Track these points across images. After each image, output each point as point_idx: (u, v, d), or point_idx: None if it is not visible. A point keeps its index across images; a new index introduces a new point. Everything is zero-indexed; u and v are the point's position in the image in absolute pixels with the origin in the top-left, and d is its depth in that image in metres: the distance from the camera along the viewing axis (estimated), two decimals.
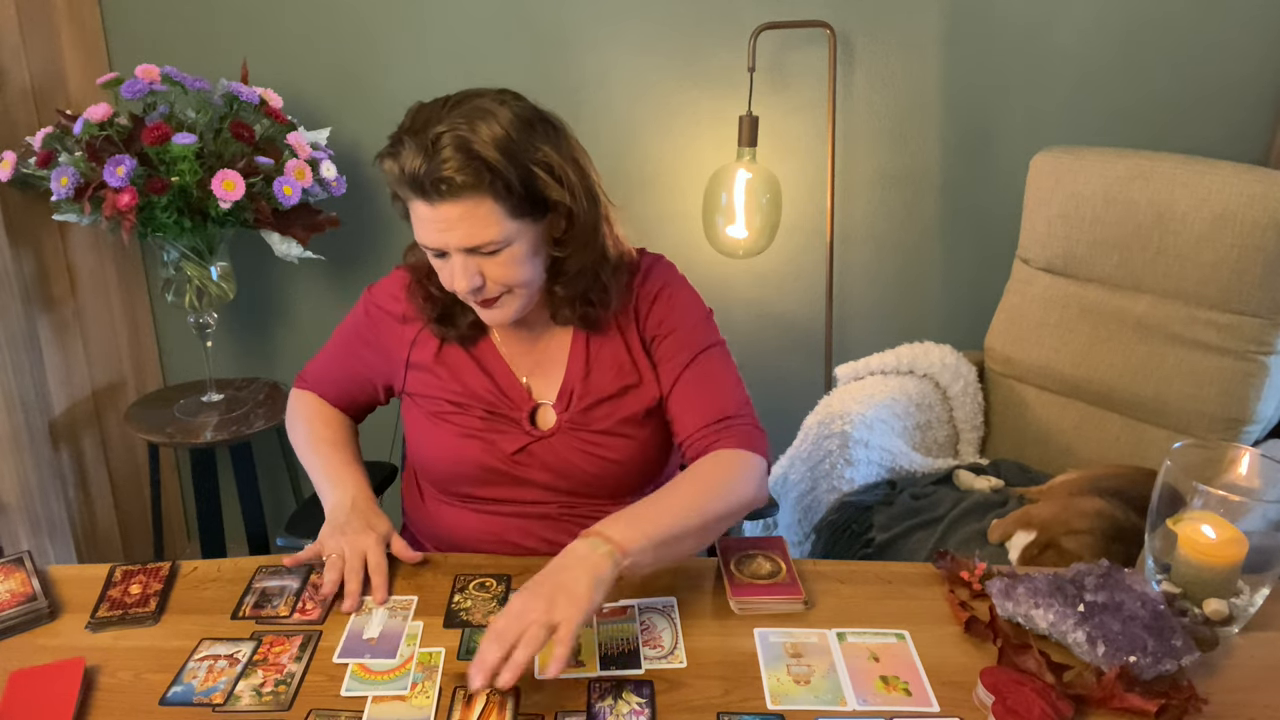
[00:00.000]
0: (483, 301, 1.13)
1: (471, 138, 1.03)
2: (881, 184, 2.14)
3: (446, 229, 1.06)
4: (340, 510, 1.18)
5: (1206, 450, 1.12)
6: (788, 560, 1.14)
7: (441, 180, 1.02)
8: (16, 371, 1.87)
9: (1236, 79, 2.00)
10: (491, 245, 1.07)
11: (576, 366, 1.23)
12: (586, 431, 1.21)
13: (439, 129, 1.04)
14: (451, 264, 1.10)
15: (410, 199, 1.07)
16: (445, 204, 1.04)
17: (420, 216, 1.08)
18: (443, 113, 1.06)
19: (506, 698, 0.94)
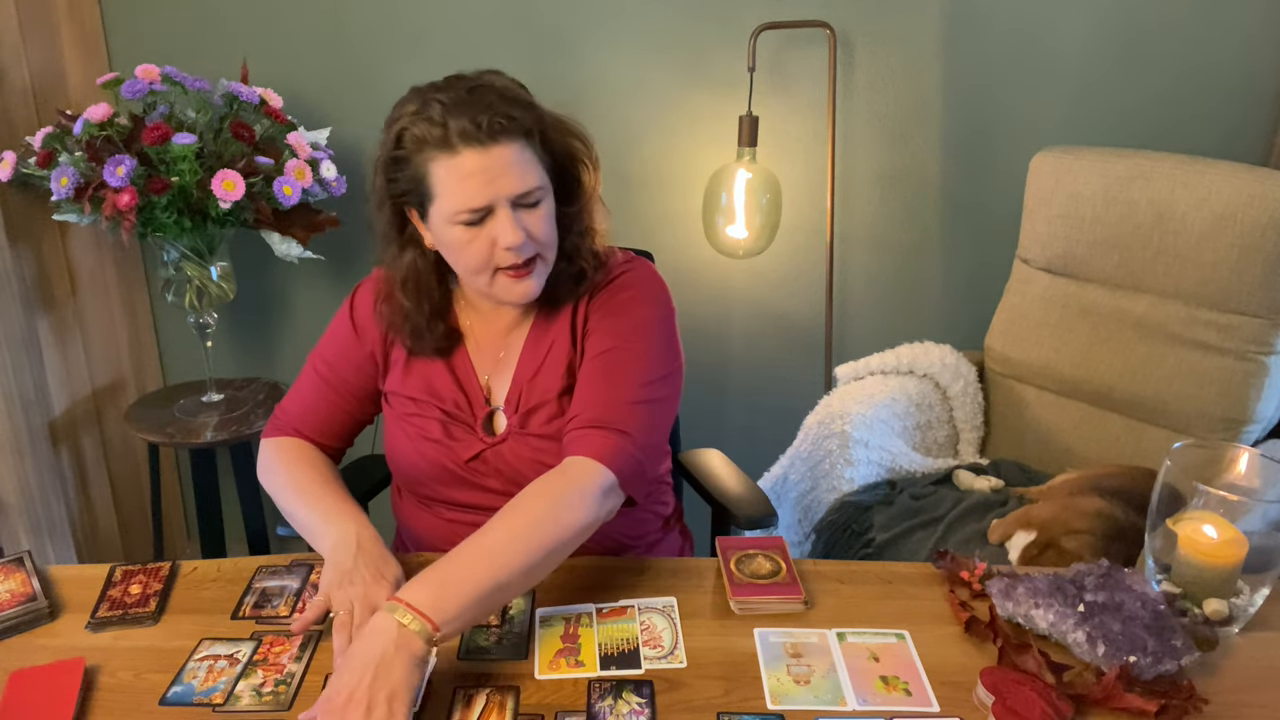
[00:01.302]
0: (517, 271, 1.11)
1: (507, 85, 1.08)
2: (881, 184, 2.14)
3: (498, 175, 1.05)
4: (344, 552, 1.05)
5: (1206, 450, 1.12)
6: (788, 560, 1.14)
7: (498, 117, 1.04)
8: (16, 371, 1.87)
9: (1236, 79, 2.00)
10: (535, 194, 1.09)
11: (525, 367, 1.21)
12: (532, 437, 1.19)
13: (471, 84, 1.06)
14: (497, 222, 1.07)
15: (454, 152, 1.04)
16: (498, 146, 1.04)
17: (466, 171, 1.05)
18: (454, 80, 1.08)
19: (506, 697, 0.94)
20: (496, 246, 1.08)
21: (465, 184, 1.05)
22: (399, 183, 1.10)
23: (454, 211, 1.07)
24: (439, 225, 1.10)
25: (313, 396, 1.28)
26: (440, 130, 1.04)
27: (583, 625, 1.05)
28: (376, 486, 1.48)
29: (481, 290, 1.16)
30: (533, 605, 1.09)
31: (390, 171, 1.10)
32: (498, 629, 1.04)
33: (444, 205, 1.07)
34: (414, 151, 1.07)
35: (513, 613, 1.07)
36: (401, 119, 1.08)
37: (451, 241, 1.10)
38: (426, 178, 1.07)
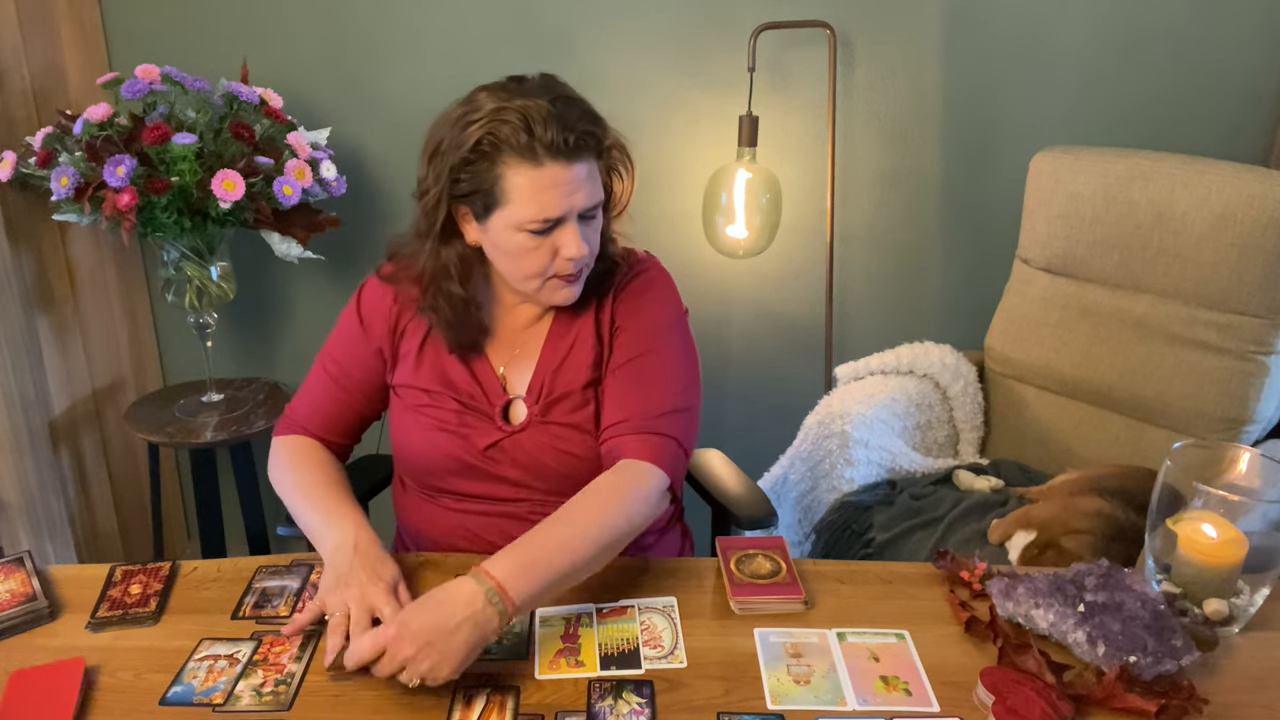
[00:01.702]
0: (568, 277, 1.13)
1: (583, 100, 1.10)
2: (881, 184, 2.14)
3: (575, 190, 1.07)
4: (341, 555, 1.06)
5: (1206, 450, 1.12)
6: (788, 560, 1.14)
7: (584, 135, 1.06)
8: (16, 371, 1.87)
9: (1236, 79, 2.00)
10: (598, 207, 1.12)
11: (549, 359, 1.22)
12: (555, 426, 1.21)
13: (553, 94, 1.07)
14: (563, 234, 1.09)
15: (538, 164, 1.05)
16: (579, 163, 1.07)
17: (547, 183, 1.06)
18: (528, 87, 1.09)
19: (506, 697, 0.94)
20: (559, 256, 1.11)
21: (544, 196, 1.06)
22: (464, 183, 1.09)
23: (526, 220, 1.07)
24: (501, 230, 1.10)
25: (321, 394, 1.29)
26: (526, 138, 1.04)
27: (583, 625, 1.05)
28: (377, 486, 1.48)
29: (528, 291, 1.17)
30: None
31: (458, 171, 1.08)
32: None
33: (515, 213, 1.08)
34: (492, 153, 1.06)
35: None
36: (480, 120, 1.06)
37: (513, 248, 1.11)
38: (500, 182, 1.07)
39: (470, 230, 1.15)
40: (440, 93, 2.20)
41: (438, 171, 1.10)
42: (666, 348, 1.21)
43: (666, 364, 1.20)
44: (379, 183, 2.17)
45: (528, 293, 1.18)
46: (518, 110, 1.04)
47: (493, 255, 1.16)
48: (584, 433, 1.21)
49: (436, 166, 1.10)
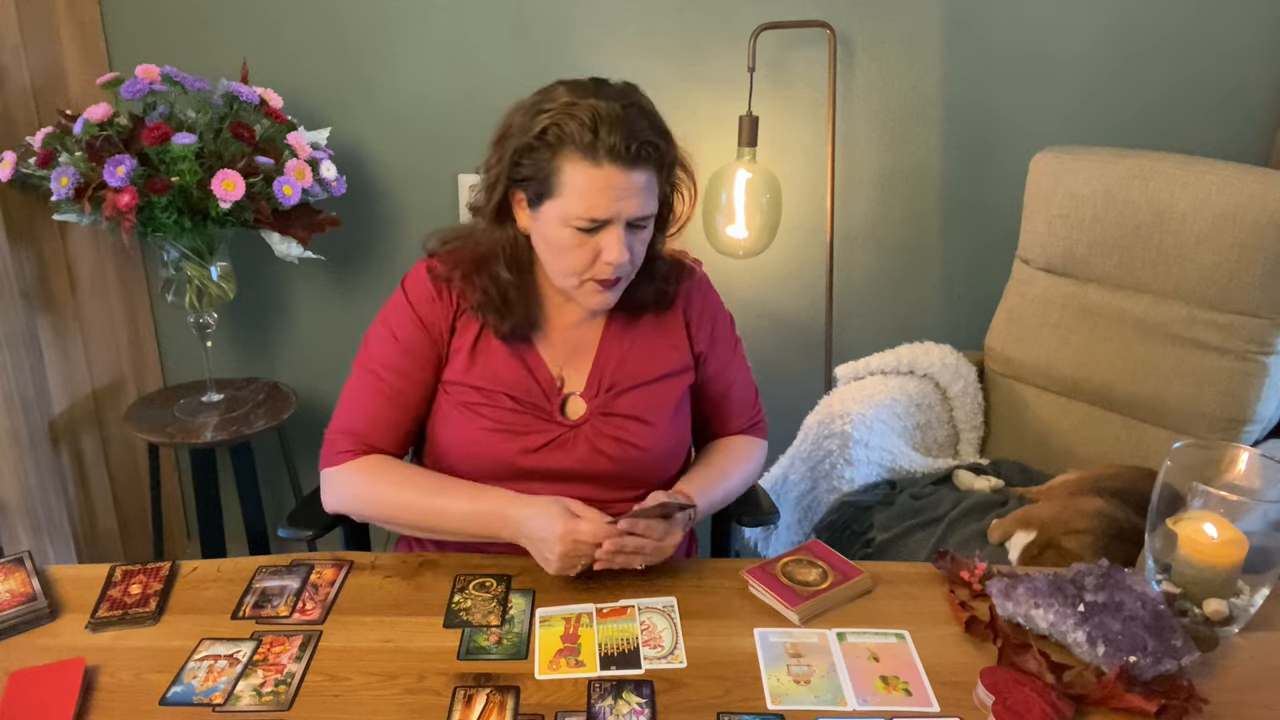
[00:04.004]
0: (607, 281, 1.14)
1: (655, 111, 1.11)
2: (881, 184, 2.14)
3: (627, 196, 1.08)
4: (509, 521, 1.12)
5: (1206, 450, 1.12)
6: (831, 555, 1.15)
7: (646, 145, 1.07)
8: (16, 371, 1.87)
9: (1236, 79, 2.00)
10: (648, 219, 1.13)
11: (608, 354, 1.24)
12: (616, 417, 1.22)
13: (627, 100, 1.08)
14: (608, 237, 1.10)
15: (597, 163, 1.06)
16: (637, 171, 1.07)
17: (601, 184, 1.07)
18: (605, 89, 1.09)
19: (506, 697, 0.94)
20: (599, 259, 1.12)
21: (595, 195, 1.07)
22: (524, 167, 1.11)
23: (574, 216, 1.09)
24: (550, 221, 1.11)
25: (379, 406, 1.23)
26: (590, 137, 1.05)
27: (583, 625, 1.05)
28: None
29: (565, 289, 1.18)
30: (533, 605, 1.09)
31: (520, 155, 1.10)
32: (498, 629, 1.05)
33: (565, 206, 1.09)
34: (555, 145, 1.07)
35: (513, 613, 1.08)
36: (551, 111, 1.08)
37: (557, 242, 1.12)
38: (557, 174, 1.08)
39: (522, 216, 1.16)
40: (440, 92, 2.21)
41: (502, 153, 1.13)
42: (740, 346, 1.38)
43: (744, 359, 1.38)
44: (379, 183, 2.17)
45: (566, 290, 1.19)
46: (589, 108, 1.06)
47: (539, 246, 1.17)
48: (647, 425, 1.23)
49: (502, 148, 1.13)
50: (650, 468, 1.25)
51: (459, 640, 1.03)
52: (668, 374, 1.26)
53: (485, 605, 1.08)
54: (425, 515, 1.17)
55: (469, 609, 1.08)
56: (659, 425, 1.24)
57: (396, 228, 2.20)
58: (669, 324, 1.28)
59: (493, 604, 1.09)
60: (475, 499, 1.15)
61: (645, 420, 1.23)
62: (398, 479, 1.20)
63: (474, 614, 1.07)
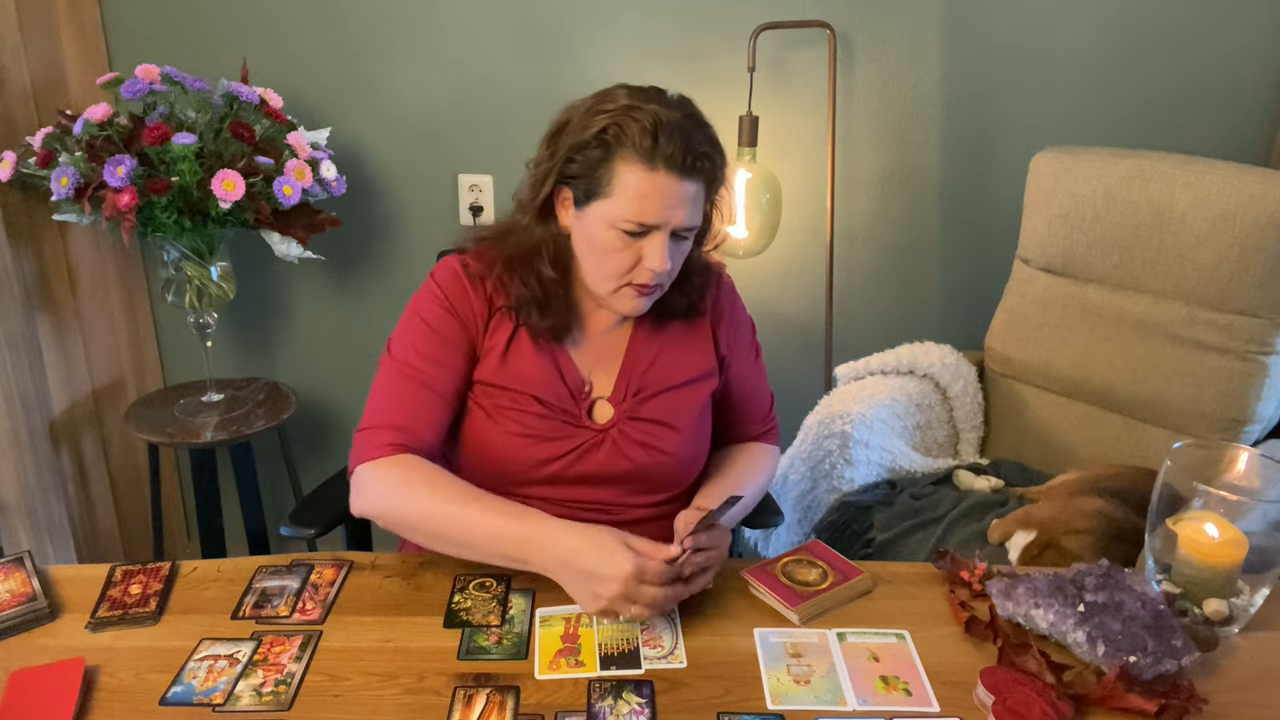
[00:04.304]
0: (642, 289, 1.14)
1: (710, 127, 1.11)
2: (881, 184, 2.14)
3: (677, 205, 1.08)
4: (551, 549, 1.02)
5: (1206, 450, 1.12)
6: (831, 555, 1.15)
7: (702, 157, 1.07)
8: (16, 371, 1.87)
9: (1236, 79, 2.00)
10: (692, 230, 1.12)
11: (636, 358, 1.23)
12: (643, 422, 1.22)
13: (687, 110, 1.09)
14: (651, 244, 1.10)
15: (652, 168, 1.06)
16: (689, 181, 1.08)
17: (653, 189, 1.06)
18: (665, 98, 1.10)
19: (506, 697, 0.94)
20: (641, 264, 1.11)
21: (646, 200, 1.07)
22: (577, 164, 1.10)
23: (621, 218, 1.08)
24: (595, 222, 1.11)
25: (417, 395, 1.16)
26: (650, 142, 1.05)
27: (583, 625, 1.05)
28: None
29: (601, 293, 1.17)
30: (533, 605, 1.09)
31: (575, 151, 1.10)
32: (498, 629, 1.05)
33: (614, 208, 1.08)
34: (612, 145, 1.07)
35: (513, 613, 1.08)
36: (611, 111, 1.08)
37: (601, 243, 1.11)
38: (610, 174, 1.08)
39: (565, 214, 1.16)
40: (440, 92, 2.21)
41: (554, 148, 1.13)
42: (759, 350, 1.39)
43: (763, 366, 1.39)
44: (379, 183, 2.17)
45: (600, 295, 1.17)
46: (650, 114, 1.06)
47: (579, 247, 1.16)
48: (673, 429, 1.23)
49: (554, 144, 1.13)
50: (672, 473, 1.24)
51: (459, 640, 1.03)
52: (695, 379, 1.26)
53: (485, 605, 1.08)
54: (448, 524, 1.08)
55: (469, 609, 1.08)
56: (685, 430, 1.24)
57: (396, 228, 2.20)
58: (696, 328, 1.28)
59: (493, 604, 1.09)
60: (510, 516, 1.06)
61: (671, 425, 1.23)
62: (427, 480, 1.10)
63: (474, 614, 1.07)
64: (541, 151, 1.16)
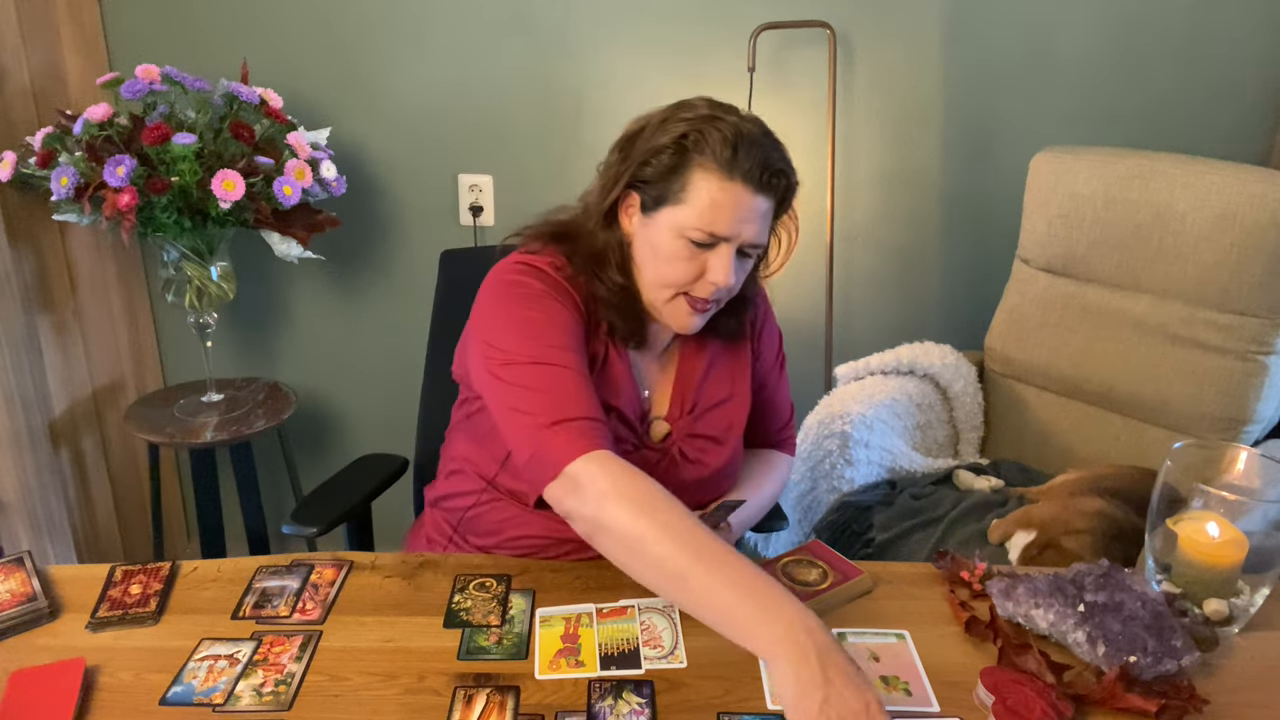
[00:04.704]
0: (698, 304, 1.11)
1: (786, 149, 1.10)
2: (881, 184, 2.14)
3: (749, 219, 1.07)
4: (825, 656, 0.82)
5: (1206, 450, 1.12)
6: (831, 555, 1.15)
7: (778, 174, 1.07)
8: (16, 371, 1.87)
9: (1236, 79, 2.00)
10: (757, 249, 1.11)
11: (688, 374, 1.22)
12: (696, 438, 1.21)
13: (764, 129, 1.09)
14: (717, 257, 1.08)
15: (730, 179, 1.04)
16: (763, 197, 1.07)
17: (728, 200, 1.05)
18: (742, 113, 1.10)
19: (506, 697, 0.94)
20: (703, 277, 1.09)
21: (721, 211, 1.05)
22: (650, 169, 1.08)
23: (692, 226, 1.06)
24: (662, 229, 1.08)
25: (591, 394, 1.06)
26: (730, 153, 1.04)
27: (583, 625, 1.05)
28: (380, 487, 1.48)
29: (656, 302, 1.14)
30: (533, 605, 1.09)
31: (651, 155, 1.08)
32: (498, 629, 1.05)
33: (686, 215, 1.06)
34: (691, 152, 1.06)
35: (513, 613, 1.08)
36: (693, 120, 1.07)
37: (667, 251, 1.08)
38: (685, 182, 1.06)
39: (628, 221, 1.13)
40: (440, 92, 2.21)
41: (628, 152, 1.11)
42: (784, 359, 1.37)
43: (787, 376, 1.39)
44: (379, 183, 2.17)
45: (655, 304, 1.14)
46: (732, 125, 1.06)
47: (640, 254, 1.13)
48: (720, 444, 1.23)
49: (628, 149, 1.11)
50: (713, 487, 1.24)
51: (459, 640, 1.03)
52: (738, 393, 1.25)
53: (485, 605, 1.08)
54: (674, 578, 0.92)
55: (469, 609, 1.08)
56: (730, 444, 1.23)
57: (396, 228, 2.20)
58: (742, 344, 1.27)
59: (493, 604, 1.09)
60: (766, 594, 0.88)
61: (719, 440, 1.22)
62: (666, 509, 0.94)
63: (474, 614, 1.07)
64: (612, 156, 1.14)
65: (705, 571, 0.90)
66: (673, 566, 0.91)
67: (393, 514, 1.67)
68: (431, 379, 1.54)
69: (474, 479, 1.23)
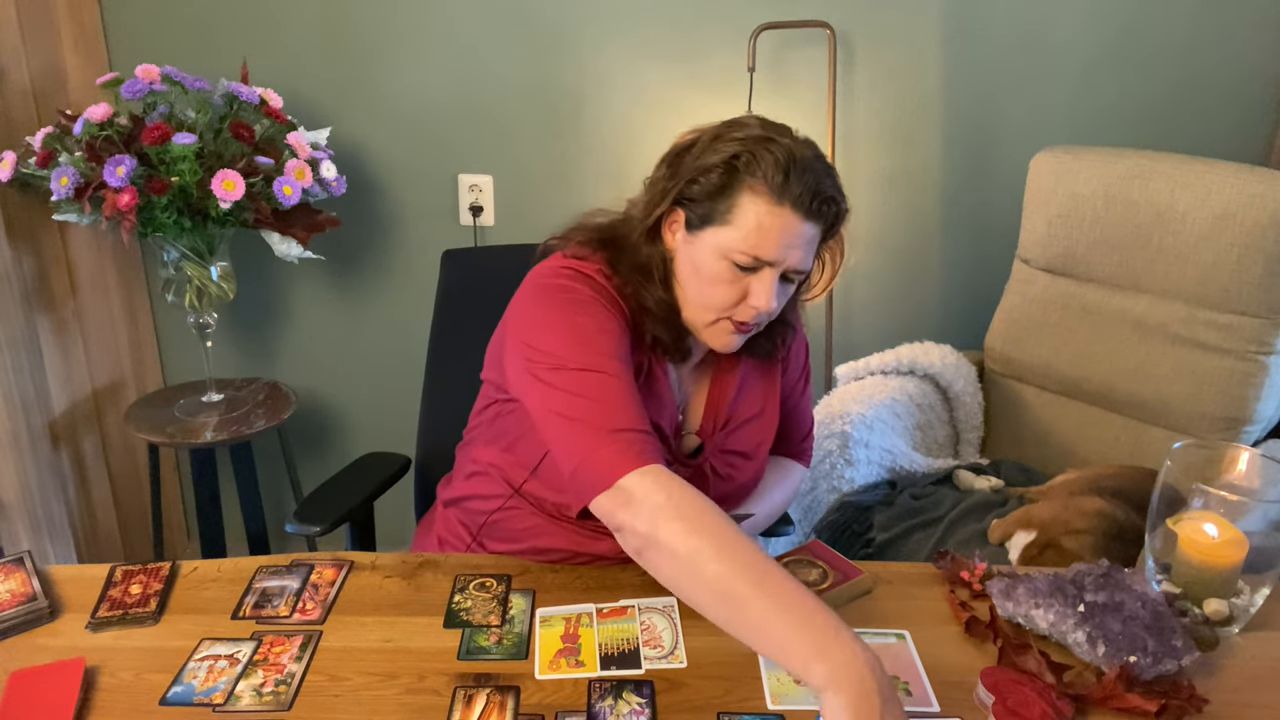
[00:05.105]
0: (743, 325, 1.09)
1: (837, 175, 1.09)
2: (881, 184, 2.14)
3: (795, 245, 1.04)
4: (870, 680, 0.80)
5: (1206, 450, 1.12)
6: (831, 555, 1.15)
7: (828, 201, 1.05)
8: (16, 371, 1.87)
9: (1236, 79, 2.00)
10: (801, 275, 1.10)
11: (722, 390, 1.21)
12: (727, 454, 1.21)
13: (817, 153, 1.07)
14: (760, 281, 1.06)
15: (779, 203, 1.03)
16: (811, 223, 1.05)
17: (775, 225, 1.03)
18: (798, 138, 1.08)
19: (506, 697, 0.94)
20: (746, 300, 1.07)
21: (766, 235, 1.03)
22: (699, 186, 1.06)
23: (737, 249, 1.04)
24: (706, 249, 1.06)
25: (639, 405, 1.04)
26: (781, 177, 1.03)
27: (583, 625, 1.05)
28: (382, 486, 1.47)
29: (696, 324, 1.12)
30: (533, 605, 1.09)
31: (700, 173, 1.06)
32: (498, 629, 1.05)
33: (731, 237, 1.04)
34: (742, 173, 1.04)
35: (513, 613, 1.08)
36: (745, 140, 1.05)
37: (710, 272, 1.07)
38: (734, 203, 1.04)
39: (672, 237, 1.11)
40: (440, 92, 2.21)
41: (677, 168, 1.09)
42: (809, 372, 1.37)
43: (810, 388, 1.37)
44: (379, 183, 2.17)
45: (695, 325, 1.12)
46: (785, 149, 1.04)
47: (683, 272, 1.10)
48: (750, 459, 1.23)
49: (677, 164, 1.09)
50: (736, 501, 1.24)
51: (459, 640, 1.03)
52: (769, 408, 1.25)
53: (485, 605, 1.08)
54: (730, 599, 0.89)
55: (469, 609, 1.08)
56: (758, 460, 1.23)
57: (396, 228, 2.20)
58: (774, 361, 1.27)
59: (493, 604, 1.09)
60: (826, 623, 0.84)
61: (749, 456, 1.22)
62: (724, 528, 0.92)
63: (474, 614, 1.07)
64: (659, 170, 1.12)
65: (763, 594, 0.86)
66: (730, 586, 0.88)
67: (395, 513, 1.67)
68: (432, 378, 1.54)
69: (499, 483, 1.20)
